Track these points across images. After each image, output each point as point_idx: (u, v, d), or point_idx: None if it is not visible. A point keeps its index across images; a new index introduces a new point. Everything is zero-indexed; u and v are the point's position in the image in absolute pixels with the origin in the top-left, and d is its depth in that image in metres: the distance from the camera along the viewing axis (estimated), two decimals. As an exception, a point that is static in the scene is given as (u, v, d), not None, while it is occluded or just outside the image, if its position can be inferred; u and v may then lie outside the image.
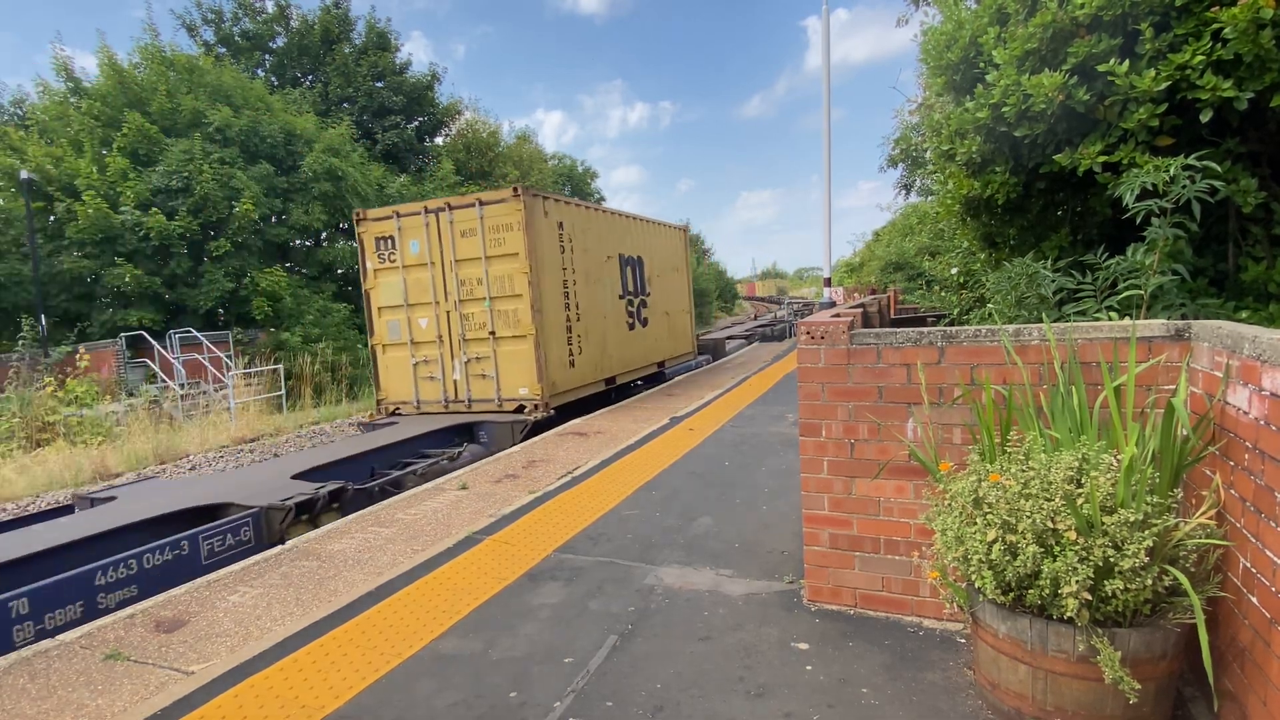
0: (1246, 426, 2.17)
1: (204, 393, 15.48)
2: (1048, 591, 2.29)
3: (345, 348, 19.27)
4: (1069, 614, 2.24)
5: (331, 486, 6.13)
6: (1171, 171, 3.23)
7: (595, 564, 4.22)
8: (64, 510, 6.69)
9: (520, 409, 9.15)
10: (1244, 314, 3.53)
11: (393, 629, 3.50)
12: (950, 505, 2.65)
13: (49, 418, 12.11)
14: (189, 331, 17.13)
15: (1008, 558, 2.37)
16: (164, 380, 15.86)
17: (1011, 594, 2.42)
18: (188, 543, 5.04)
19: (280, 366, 16.84)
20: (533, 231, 8.95)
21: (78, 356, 15.14)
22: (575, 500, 5.52)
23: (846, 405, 3.29)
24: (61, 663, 3.42)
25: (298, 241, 21.98)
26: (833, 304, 15.83)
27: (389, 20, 32.87)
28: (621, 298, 11.90)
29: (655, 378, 13.51)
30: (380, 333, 10.10)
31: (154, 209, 17.78)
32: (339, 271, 22.57)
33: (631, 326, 12.33)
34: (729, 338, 25.76)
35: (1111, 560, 2.21)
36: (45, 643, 3.63)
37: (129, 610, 3.98)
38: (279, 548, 4.93)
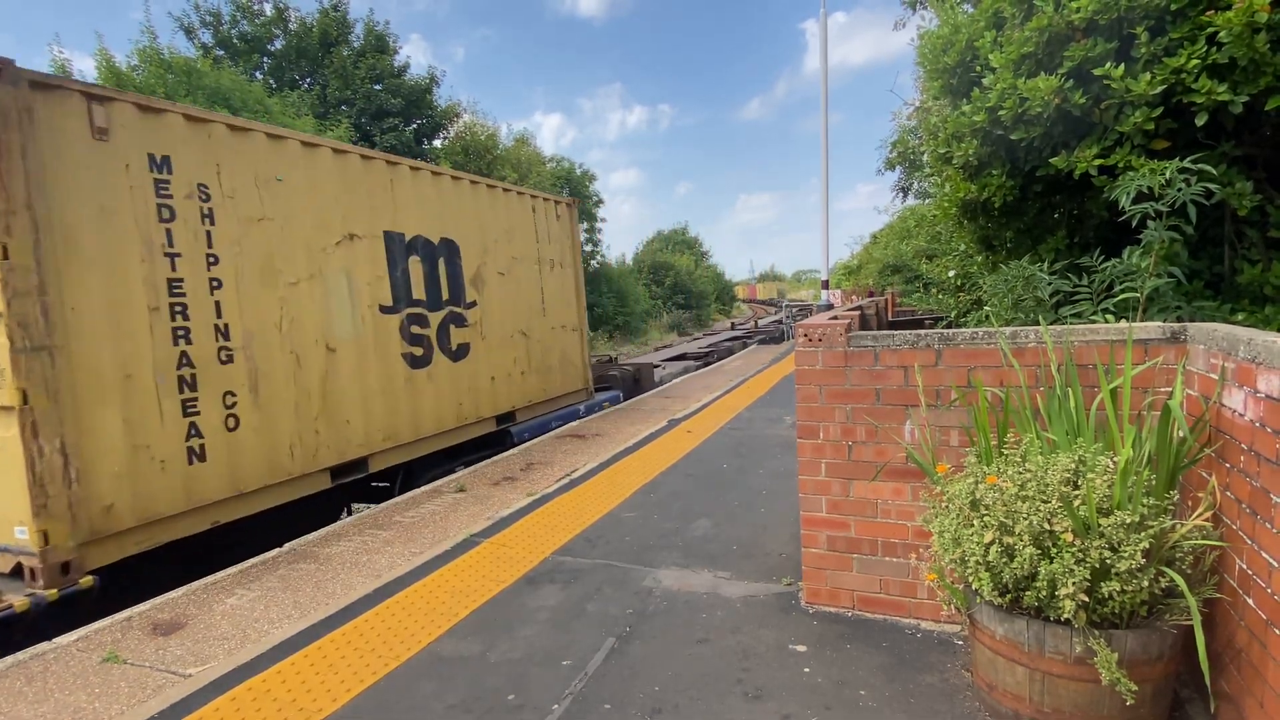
0: (1242, 429, 2.17)
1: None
2: (1045, 593, 2.30)
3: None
4: (1066, 615, 2.24)
5: None
6: (1167, 175, 3.25)
7: (593, 566, 4.22)
8: None
9: (17, 571, 4.12)
10: (1240, 316, 3.54)
11: (391, 632, 3.49)
12: (948, 507, 2.65)
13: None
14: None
15: (1005, 559, 2.37)
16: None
17: (1009, 596, 2.43)
18: None
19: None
20: (13, 162, 3.96)
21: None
22: (573, 502, 5.52)
23: (844, 407, 3.30)
24: (59, 665, 3.41)
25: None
26: (830, 306, 15.87)
27: (388, 23, 32.86)
28: (391, 311, 6.57)
29: (491, 442, 8.10)
30: None
31: (151, 211, 17.72)
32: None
33: (421, 361, 6.91)
34: (681, 355, 19.56)
35: (1108, 562, 2.22)
36: (42, 645, 3.62)
37: (126, 613, 3.97)
38: (276, 550, 4.92)
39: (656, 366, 15.07)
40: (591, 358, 15.31)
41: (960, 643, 3.08)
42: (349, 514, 6.37)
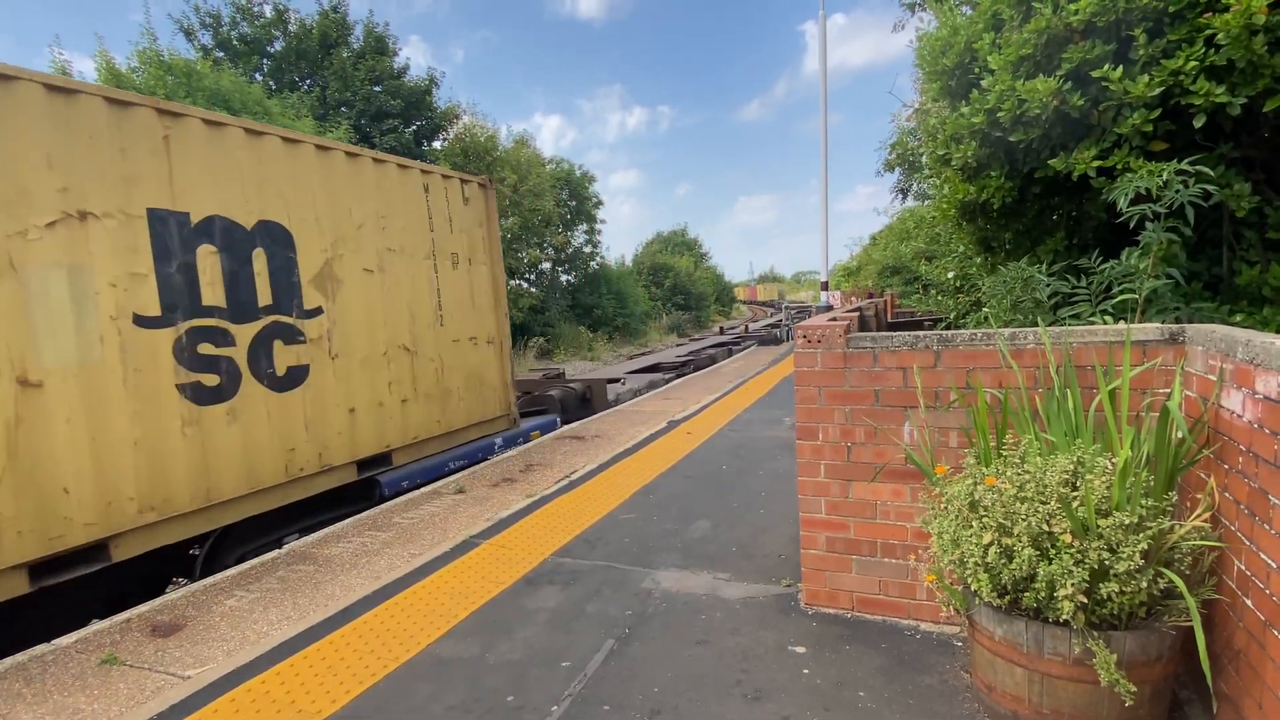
0: (1240, 430, 2.18)
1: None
2: (1043, 594, 2.30)
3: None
4: (1065, 617, 2.25)
5: None
6: (1165, 176, 3.26)
7: (593, 568, 4.22)
8: None
9: None
10: (1238, 318, 3.55)
11: (390, 633, 3.49)
12: (946, 508, 2.66)
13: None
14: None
15: (1003, 561, 2.38)
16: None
17: (1008, 597, 2.43)
18: None
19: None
20: None
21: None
22: (573, 504, 5.52)
23: (843, 409, 3.30)
24: (57, 667, 3.40)
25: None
26: (830, 308, 15.88)
27: (387, 24, 32.85)
28: (158, 324, 4.56)
29: (354, 496, 6.17)
30: None
31: (150, 213, 17.67)
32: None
33: (218, 394, 4.90)
34: (655, 366, 17.23)
35: (1107, 563, 2.22)
36: (41, 647, 3.62)
37: (125, 614, 3.97)
38: (275, 552, 4.92)
39: (615, 381, 12.97)
40: (536, 372, 13.22)
41: (959, 644, 3.08)
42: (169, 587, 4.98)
